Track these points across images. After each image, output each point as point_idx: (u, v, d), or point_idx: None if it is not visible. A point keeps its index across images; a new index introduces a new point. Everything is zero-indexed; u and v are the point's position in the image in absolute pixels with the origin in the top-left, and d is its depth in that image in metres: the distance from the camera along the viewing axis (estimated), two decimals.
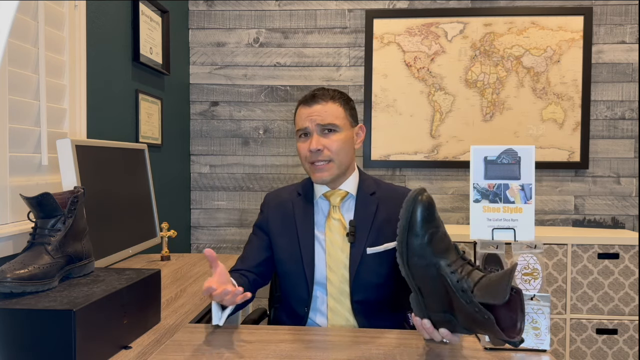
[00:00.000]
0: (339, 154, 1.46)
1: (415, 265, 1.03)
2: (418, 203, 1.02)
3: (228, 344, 1.17)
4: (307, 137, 1.48)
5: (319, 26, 2.92)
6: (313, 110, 1.47)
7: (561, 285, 2.52)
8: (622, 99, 2.83)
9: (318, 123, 1.46)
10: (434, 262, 1.01)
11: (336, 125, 1.47)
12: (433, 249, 1.01)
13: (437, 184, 2.92)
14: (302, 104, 1.51)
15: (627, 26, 2.81)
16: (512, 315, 0.97)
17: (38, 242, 1.13)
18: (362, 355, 1.11)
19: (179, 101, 2.83)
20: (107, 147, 1.69)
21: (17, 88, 1.49)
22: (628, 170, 2.85)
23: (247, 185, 2.99)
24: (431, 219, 1.02)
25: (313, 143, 1.45)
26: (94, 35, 1.89)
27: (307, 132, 1.48)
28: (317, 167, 1.46)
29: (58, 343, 0.94)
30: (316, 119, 1.46)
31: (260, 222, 1.58)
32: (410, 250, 1.02)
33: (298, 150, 1.52)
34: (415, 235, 1.01)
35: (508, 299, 0.93)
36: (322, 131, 1.46)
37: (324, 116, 1.46)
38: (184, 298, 1.54)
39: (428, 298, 1.05)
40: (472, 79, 2.85)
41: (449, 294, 1.00)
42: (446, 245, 1.03)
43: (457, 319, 1.01)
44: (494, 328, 0.94)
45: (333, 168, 1.47)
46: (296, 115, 1.53)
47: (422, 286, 1.04)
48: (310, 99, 1.49)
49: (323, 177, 1.47)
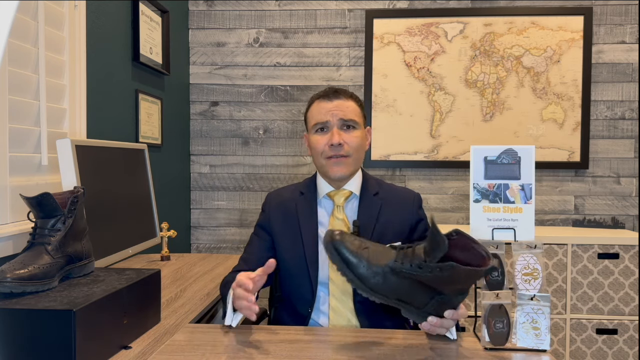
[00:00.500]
0: (357, 151, 1.48)
1: (378, 286, 1.07)
2: (337, 243, 1.09)
3: (228, 344, 1.17)
4: (325, 131, 1.48)
5: (319, 26, 2.92)
6: (335, 105, 1.47)
7: (561, 285, 2.52)
8: (622, 99, 2.83)
9: (340, 117, 1.46)
10: (385, 270, 1.06)
11: (356, 122, 1.48)
12: (376, 262, 1.07)
13: (437, 184, 2.92)
14: (320, 99, 1.50)
15: (627, 26, 2.81)
16: (472, 251, 1.04)
17: (38, 242, 1.13)
18: (363, 355, 1.11)
19: (179, 101, 2.83)
20: (107, 147, 1.69)
21: (17, 88, 1.49)
22: (628, 170, 2.85)
23: (247, 185, 2.99)
24: (354, 245, 1.09)
25: (335, 137, 1.44)
26: (94, 35, 1.89)
27: (326, 126, 1.47)
28: (334, 161, 1.46)
29: (58, 343, 0.94)
30: (338, 113, 1.46)
31: (262, 221, 1.58)
32: (364, 280, 1.07)
33: (312, 145, 1.50)
34: (356, 266, 1.07)
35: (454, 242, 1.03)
36: (342, 126, 1.46)
37: (346, 112, 1.46)
38: (184, 298, 1.54)
39: (412, 300, 1.08)
40: (472, 79, 2.85)
41: (418, 281, 1.05)
42: (381, 251, 1.10)
43: (443, 291, 1.06)
44: (465, 270, 1.00)
45: (350, 164, 1.48)
46: (312, 109, 1.51)
47: (399, 295, 1.08)
48: (332, 94, 1.48)
49: (342, 172, 1.47)
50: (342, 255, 1.08)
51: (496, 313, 1.15)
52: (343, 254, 1.08)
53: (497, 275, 1.17)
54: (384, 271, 1.06)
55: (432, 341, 1.19)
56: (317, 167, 1.54)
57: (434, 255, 1.02)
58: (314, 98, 1.53)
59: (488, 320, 1.15)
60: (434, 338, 1.21)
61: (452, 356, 1.11)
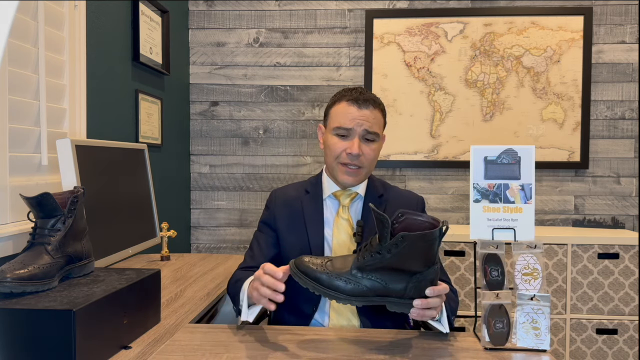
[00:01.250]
0: (372, 163, 1.48)
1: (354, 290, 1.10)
2: (300, 266, 1.13)
3: (228, 344, 1.17)
4: (346, 137, 1.45)
5: (319, 26, 2.92)
6: (363, 114, 1.44)
7: (561, 285, 2.52)
8: (622, 98, 2.83)
9: (365, 129, 1.44)
10: (353, 272, 1.10)
11: (378, 135, 1.47)
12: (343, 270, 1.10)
13: (437, 183, 2.92)
14: (348, 101, 1.45)
15: (627, 26, 2.81)
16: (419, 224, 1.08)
17: (38, 242, 1.13)
18: (363, 355, 1.11)
19: (178, 101, 2.83)
20: (107, 147, 1.69)
21: (17, 88, 1.49)
22: (628, 170, 2.85)
23: (247, 185, 2.99)
24: (316, 262, 1.12)
25: (355, 147, 1.42)
26: (93, 35, 1.89)
27: (349, 133, 1.45)
28: (347, 170, 1.46)
29: (58, 343, 0.94)
30: (364, 124, 1.43)
31: (266, 218, 1.57)
32: (340, 291, 1.10)
33: (329, 145, 1.48)
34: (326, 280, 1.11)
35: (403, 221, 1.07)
36: (364, 137, 1.45)
37: (372, 123, 1.45)
38: (184, 298, 1.54)
39: (390, 291, 1.10)
40: (472, 79, 2.85)
41: (386, 268, 1.08)
42: (343, 258, 1.13)
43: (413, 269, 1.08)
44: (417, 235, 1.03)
45: (361, 175, 1.48)
46: (338, 109, 1.47)
47: (376, 291, 1.10)
48: (363, 101, 1.44)
49: (352, 182, 1.48)
50: (311, 275, 1.11)
51: (496, 313, 1.15)
52: (311, 274, 1.11)
53: (497, 275, 1.17)
54: (353, 274, 1.09)
55: (433, 341, 1.20)
56: (327, 164, 1.54)
57: (383, 234, 1.05)
58: (342, 96, 1.48)
59: (488, 320, 1.15)
60: (435, 338, 1.21)
61: (452, 356, 1.11)
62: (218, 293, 1.62)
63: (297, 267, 1.13)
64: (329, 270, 1.10)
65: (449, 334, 1.23)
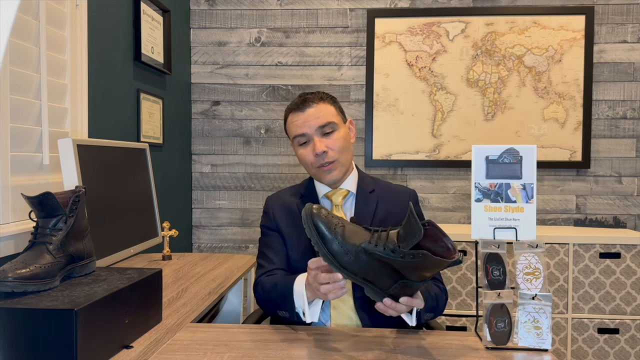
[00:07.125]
0: (342, 153, 1.49)
1: (349, 264, 1.10)
2: (314, 216, 1.12)
3: (229, 344, 1.17)
4: (307, 143, 1.48)
5: (320, 25, 2.92)
6: (307, 114, 1.47)
7: (563, 284, 2.51)
8: (624, 98, 2.83)
9: (317, 125, 1.46)
10: (359, 249, 1.09)
11: (334, 124, 1.48)
12: (350, 241, 1.10)
13: (439, 183, 2.91)
14: (292, 112, 1.50)
15: (629, 25, 2.81)
16: (440, 242, 1.08)
17: (39, 241, 1.13)
18: (364, 354, 1.11)
19: (180, 100, 2.83)
20: (109, 147, 1.69)
21: (19, 87, 1.49)
22: (630, 170, 2.84)
23: (249, 185, 2.99)
24: (331, 221, 1.12)
25: (317, 146, 1.45)
26: (95, 35, 1.89)
27: (306, 138, 1.48)
28: (324, 170, 1.48)
29: (59, 342, 0.94)
30: (313, 122, 1.46)
31: (267, 223, 1.58)
32: (336, 256, 1.10)
33: (300, 159, 1.51)
34: (330, 241, 1.10)
35: (425, 232, 1.06)
36: (322, 133, 1.47)
37: (320, 117, 1.46)
38: (185, 297, 1.54)
39: (377, 281, 1.11)
40: (473, 79, 2.85)
41: (388, 264, 1.07)
42: (356, 231, 1.12)
43: (408, 277, 1.09)
44: (434, 259, 1.03)
45: (340, 167, 1.49)
46: (288, 123, 1.52)
47: (366, 275, 1.11)
48: (301, 104, 1.48)
49: (334, 177, 1.49)
50: (319, 230, 1.11)
51: (498, 312, 1.15)
52: (320, 228, 1.11)
53: (499, 274, 1.17)
54: (357, 250, 1.09)
55: (434, 340, 1.20)
56: (309, 174, 1.57)
57: (408, 241, 1.05)
58: (287, 111, 1.53)
59: (490, 319, 1.15)
60: (436, 337, 1.21)
61: (453, 355, 1.11)
62: (219, 292, 1.62)
63: (311, 214, 1.12)
64: (338, 234, 1.10)
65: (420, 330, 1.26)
